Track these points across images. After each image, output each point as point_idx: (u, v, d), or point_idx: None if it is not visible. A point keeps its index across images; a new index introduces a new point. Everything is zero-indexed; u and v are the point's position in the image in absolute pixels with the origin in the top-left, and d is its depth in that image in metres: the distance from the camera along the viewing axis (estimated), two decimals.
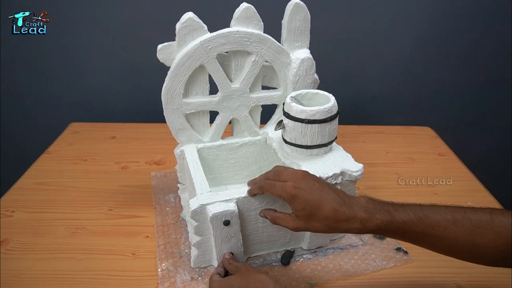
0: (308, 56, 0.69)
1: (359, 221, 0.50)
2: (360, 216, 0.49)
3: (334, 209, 0.50)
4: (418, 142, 1.06)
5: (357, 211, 0.50)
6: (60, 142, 1.02)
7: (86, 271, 0.63)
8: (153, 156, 0.96)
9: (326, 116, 0.61)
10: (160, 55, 0.64)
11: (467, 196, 0.83)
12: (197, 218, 0.58)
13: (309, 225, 0.52)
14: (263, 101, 0.73)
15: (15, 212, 0.76)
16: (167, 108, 0.68)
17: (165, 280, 0.61)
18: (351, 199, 0.52)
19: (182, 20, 0.62)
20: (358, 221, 0.50)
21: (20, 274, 0.62)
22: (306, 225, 0.52)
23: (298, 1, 0.66)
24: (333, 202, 0.50)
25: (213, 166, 0.76)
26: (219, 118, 0.72)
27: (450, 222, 0.48)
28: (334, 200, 0.51)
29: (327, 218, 0.50)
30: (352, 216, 0.50)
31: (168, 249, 0.67)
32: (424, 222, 0.49)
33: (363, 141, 1.06)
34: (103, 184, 0.85)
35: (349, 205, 0.51)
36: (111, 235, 0.70)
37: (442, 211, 0.49)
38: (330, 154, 0.65)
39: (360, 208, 0.50)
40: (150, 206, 0.78)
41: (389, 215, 0.49)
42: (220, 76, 0.68)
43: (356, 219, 0.50)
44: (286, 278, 0.62)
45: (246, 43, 0.65)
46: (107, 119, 1.14)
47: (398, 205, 0.51)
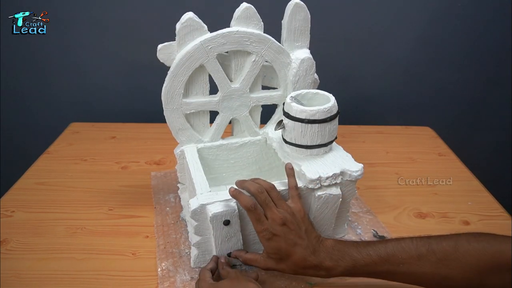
0: (308, 56, 0.69)
1: (324, 269, 0.53)
2: (325, 265, 0.53)
3: (303, 258, 0.53)
4: (418, 142, 1.06)
5: (323, 259, 0.53)
6: (60, 142, 1.02)
7: (86, 271, 0.63)
8: (153, 156, 0.96)
9: (326, 116, 0.61)
10: (160, 55, 0.64)
11: (467, 196, 0.83)
12: (197, 218, 0.58)
13: (278, 267, 0.56)
14: (263, 101, 0.73)
15: (15, 212, 0.76)
16: (167, 108, 0.68)
17: (165, 280, 0.61)
18: (321, 245, 0.55)
19: (182, 20, 0.62)
20: (323, 269, 0.53)
21: (20, 274, 0.62)
22: (276, 266, 0.56)
23: (298, 1, 0.66)
24: (304, 251, 0.54)
25: (213, 166, 0.76)
26: (219, 118, 0.72)
27: (414, 258, 0.49)
28: (306, 248, 0.54)
29: (295, 264, 0.54)
30: (318, 264, 0.53)
31: (168, 249, 0.67)
32: (388, 262, 0.50)
33: (363, 141, 1.06)
34: (103, 184, 0.85)
35: (317, 253, 0.54)
36: (111, 235, 0.70)
37: (407, 247, 0.50)
38: (330, 154, 0.65)
39: (326, 257, 0.53)
40: (150, 206, 0.78)
41: (352, 261, 0.52)
42: (220, 76, 0.68)
43: (322, 267, 0.53)
44: (286, 278, 0.62)
45: (246, 43, 0.65)
46: (107, 119, 1.14)
47: (362, 246, 0.53)
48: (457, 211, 0.79)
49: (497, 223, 0.76)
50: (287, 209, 0.56)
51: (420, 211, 0.79)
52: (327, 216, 0.63)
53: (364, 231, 0.72)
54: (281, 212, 0.55)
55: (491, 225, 0.75)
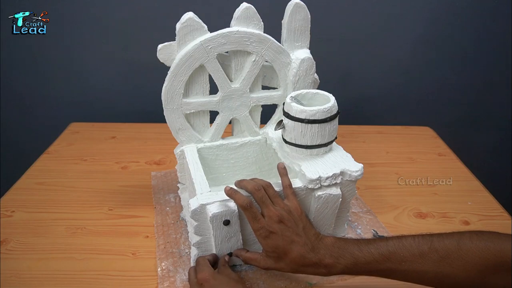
0: (308, 56, 0.69)
1: (324, 266, 0.52)
2: (325, 262, 0.52)
3: (302, 256, 0.53)
4: (418, 142, 1.06)
5: (322, 257, 0.52)
6: (60, 142, 1.02)
7: (86, 271, 0.63)
8: (153, 156, 0.96)
9: (326, 116, 0.61)
10: (160, 55, 0.64)
11: (467, 196, 0.83)
12: (197, 218, 0.58)
13: (278, 265, 0.55)
14: (263, 101, 0.73)
15: (15, 212, 0.76)
16: (167, 108, 0.68)
17: (165, 279, 0.61)
18: (320, 243, 0.54)
19: (182, 20, 0.62)
20: (323, 266, 0.52)
21: (20, 274, 0.62)
22: (275, 265, 0.56)
23: (298, 1, 0.66)
24: (301, 248, 0.53)
25: (213, 166, 0.76)
26: (219, 118, 0.72)
27: (416, 256, 0.49)
28: (304, 245, 0.53)
29: (294, 262, 0.53)
30: (318, 262, 0.52)
31: (168, 249, 0.67)
32: (389, 259, 0.50)
33: (363, 141, 1.06)
34: (103, 184, 0.85)
35: (317, 250, 0.53)
36: (111, 235, 0.70)
37: (408, 245, 0.50)
38: (330, 154, 0.65)
39: (326, 254, 0.52)
40: (150, 206, 0.78)
41: (353, 258, 0.51)
42: (220, 76, 0.68)
43: (321, 265, 0.52)
44: (286, 278, 0.62)
45: (246, 43, 0.65)
46: (107, 119, 1.14)
47: (363, 244, 0.52)
48: (457, 211, 0.79)
49: (497, 223, 0.76)
50: (283, 207, 0.56)
51: (420, 211, 0.79)
52: (327, 216, 0.63)
53: (364, 231, 0.72)
54: (278, 209, 0.55)
55: (491, 225, 0.75)
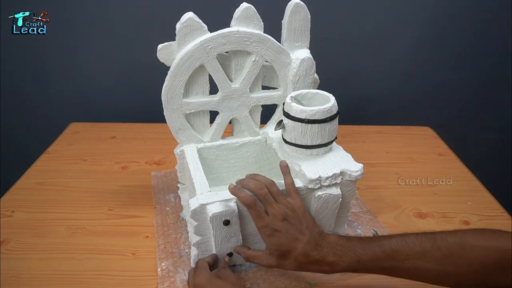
0: (308, 56, 0.69)
1: (327, 264, 0.52)
2: (328, 260, 0.52)
3: (305, 253, 0.53)
4: (418, 142, 1.06)
5: (326, 254, 0.52)
6: (60, 142, 1.02)
7: (86, 271, 0.63)
8: (153, 156, 0.96)
9: (326, 116, 0.61)
10: (160, 55, 0.64)
11: (467, 196, 0.83)
12: (197, 218, 0.58)
13: (281, 263, 0.55)
14: (263, 101, 0.73)
15: (15, 212, 0.76)
16: (167, 108, 0.68)
17: (165, 279, 0.61)
18: (324, 240, 0.54)
19: (182, 20, 0.62)
20: (326, 264, 0.52)
21: (20, 274, 0.62)
22: (278, 263, 0.55)
23: (298, 1, 0.66)
24: (305, 246, 0.53)
25: (213, 166, 0.76)
26: (219, 118, 0.72)
27: (419, 254, 0.48)
28: (308, 243, 0.53)
29: (298, 260, 0.53)
30: (321, 260, 0.52)
31: (168, 249, 0.67)
32: (392, 257, 0.49)
33: (363, 141, 1.06)
34: (103, 184, 0.85)
35: (320, 248, 0.53)
36: (111, 235, 0.70)
37: (411, 242, 0.49)
38: (330, 154, 0.65)
39: (329, 251, 0.52)
40: (150, 206, 0.78)
41: (356, 256, 0.51)
42: (220, 76, 0.68)
43: (325, 263, 0.52)
44: (286, 278, 0.62)
45: (246, 43, 0.65)
46: (107, 119, 1.14)
47: (366, 242, 0.52)
48: (457, 211, 0.79)
49: (497, 223, 0.76)
50: (287, 205, 0.55)
51: (420, 211, 0.79)
52: (327, 216, 0.63)
53: (364, 231, 0.72)
54: (282, 207, 0.55)
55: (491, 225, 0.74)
